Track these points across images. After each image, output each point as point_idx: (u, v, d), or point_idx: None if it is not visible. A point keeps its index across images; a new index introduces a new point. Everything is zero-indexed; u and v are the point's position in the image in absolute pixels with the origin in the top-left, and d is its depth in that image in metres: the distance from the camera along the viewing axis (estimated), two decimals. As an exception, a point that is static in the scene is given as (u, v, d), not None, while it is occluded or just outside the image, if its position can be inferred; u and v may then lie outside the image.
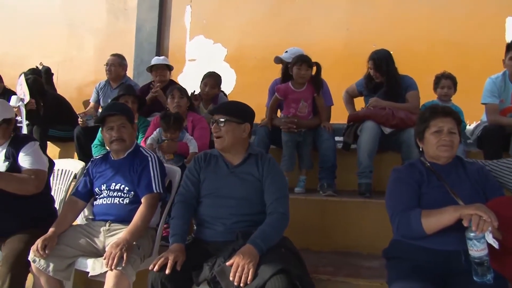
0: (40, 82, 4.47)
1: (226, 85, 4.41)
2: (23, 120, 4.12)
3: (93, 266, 2.20)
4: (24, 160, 2.47)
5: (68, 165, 3.00)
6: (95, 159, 2.63)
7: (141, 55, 5.57)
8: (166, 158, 3.03)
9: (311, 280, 2.02)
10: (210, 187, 2.22)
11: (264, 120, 3.55)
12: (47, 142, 4.29)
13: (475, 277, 1.71)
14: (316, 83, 3.45)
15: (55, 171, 2.92)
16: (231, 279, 1.85)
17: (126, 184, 2.42)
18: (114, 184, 2.44)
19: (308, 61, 3.40)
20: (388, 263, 2.02)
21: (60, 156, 4.41)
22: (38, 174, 2.45)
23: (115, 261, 2.07)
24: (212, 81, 3.81)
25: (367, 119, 3.30)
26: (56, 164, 2.83)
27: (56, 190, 2.91)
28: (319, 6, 4.96)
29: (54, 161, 2.78)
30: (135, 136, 2.66)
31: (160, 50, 5.51)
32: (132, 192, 2.41)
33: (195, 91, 3.74)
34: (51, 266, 2.20)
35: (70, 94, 5.04)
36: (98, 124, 2.98)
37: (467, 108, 3.33)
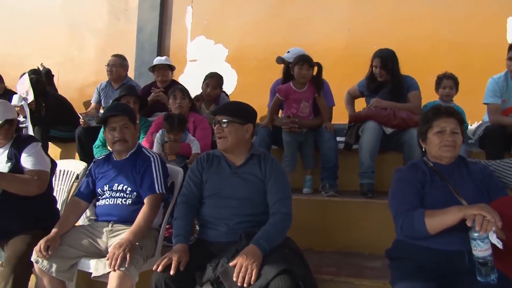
0: (42, 82, 4.47)
1: (227, 85, 4.40)
2: (28, 119, 4.11)
3: (96, 267, 2.20)
4: (26, 161, 2.47)
5: (70, 165, 3.00)
6: (98, 159, 2.62)
7: (142, 55, 5.56)
8: (168, 159, 3.03)
9: (315, 281, 2.03)
10: (212, 188, 2.22)
11: (265, 121, 3.56)
12: (48, 142, 4.28)
13: (479, 277, 1.71)
14: (317, 83, 3.45)
15: (57, 171, 2.92)
16: (234, 279, 1.85)
17: (128, 184, 2.42)
18: (117, 184, 2.44)
19: (310, 61, 3.39)
20: (392, 263, 2.02)
21: (61, 156, 4.41)
22: (40, 175, 2.46)
23: (118, 261, 2.07)
24: (214, 81, 3.81)
25: (369, 119, 3.30)
26: (58, 165, 2.83)
27: (58, 191, 2.91)
28: (320, 6, 4.96)
29: (56, 161, 2.78)
30: (138, 137, 2.66)
31: (161, 50, 5.50)
32: (135, 193, 2.41)
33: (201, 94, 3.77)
34: (54, 266, 2.21)
35: (71, 95, 5.02)
36: (99, 125, 2.98)
37: (468, 108, 3.33)
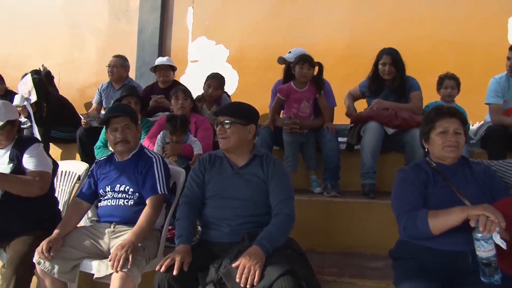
0: (44, 83, 4.46)
1: (228, 86, 4.40)
2: (32, 119, 4.10)
3: (98, 268, 2.20)
4: (28, 162, 2.47)
5: (72, 166, 2.99)
6: (100, 160, 2.62)
7: (143, 56, 5.54)
8: (170, 160, 3.02)
9: (318, 281, 2.02)
10: (215, 189, 2.22)
11: (266, 121, 3.55)
12: (49, 143, 4.28)
13: (482, 277, 1.71)
14: (318, 83, 3.45)
15: (59, 172, 2.92)
16: (237, 280, 1.84)
17: (130, 185, 2.42)
18: (119, 185, 2.44)
19: (310, 60, 3.40)
20: (395, 264, 2.02)
21: (62, 157, 4.40)
22: (42, 176, 2.45)
23: (120, 263, 2.06)
24: (215, 82, 3.81)
25: (370, 120, 3.29)
26: (60, 166, 2.83)
27: (60, 192, 2.91)
28: (321, 6, 4.94)
29: (58, 162, 2.78)
30: (139, 137, 2.66)
31: (162, 51, 5.49)
32: (137, 194, 2.41)
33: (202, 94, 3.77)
34: (56, 268, 2.20)
35: (72, 96, 5.01)
36: (101, 125, 2.97)
37: (468, 108, 3.32)
